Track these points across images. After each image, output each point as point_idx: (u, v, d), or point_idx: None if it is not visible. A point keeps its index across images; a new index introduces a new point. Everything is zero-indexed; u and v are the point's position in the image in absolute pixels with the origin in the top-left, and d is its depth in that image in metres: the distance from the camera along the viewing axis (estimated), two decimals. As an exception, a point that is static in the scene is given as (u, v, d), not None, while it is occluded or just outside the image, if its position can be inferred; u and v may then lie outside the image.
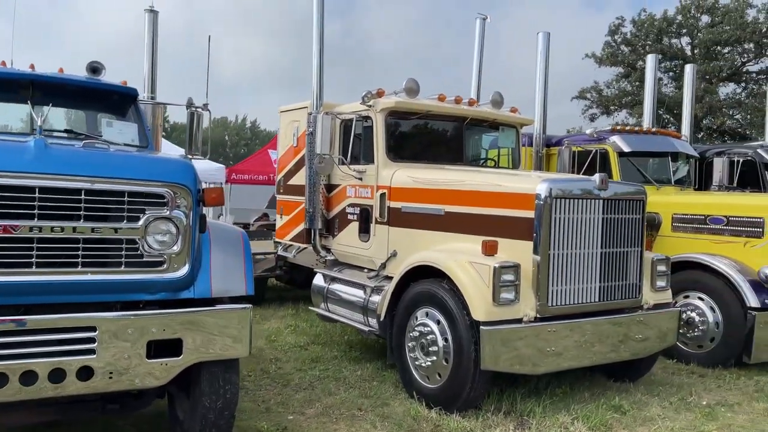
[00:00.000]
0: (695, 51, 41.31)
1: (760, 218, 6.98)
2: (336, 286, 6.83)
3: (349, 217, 6.93)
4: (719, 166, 9.73)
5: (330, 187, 7.26)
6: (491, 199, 5.46)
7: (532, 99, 9.17)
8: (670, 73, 43.44)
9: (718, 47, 39.29)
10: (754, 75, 40.67)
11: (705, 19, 40.02)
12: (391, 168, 6.38)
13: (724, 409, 5.51)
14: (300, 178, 7.63)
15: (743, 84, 40.56)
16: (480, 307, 4.83)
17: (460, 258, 5.15)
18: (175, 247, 3.62)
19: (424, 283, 5.41)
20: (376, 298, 6.09)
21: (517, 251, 5.16)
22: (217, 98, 6.49)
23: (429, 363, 5.24)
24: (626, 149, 8.49)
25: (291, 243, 8.06)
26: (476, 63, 9.12)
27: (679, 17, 40.22)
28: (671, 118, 42.63)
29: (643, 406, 5.47)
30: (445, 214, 5.81)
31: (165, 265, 3.61)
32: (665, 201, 8.03)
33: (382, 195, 6.39)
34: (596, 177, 5.33)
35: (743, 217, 7.14)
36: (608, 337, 5.33)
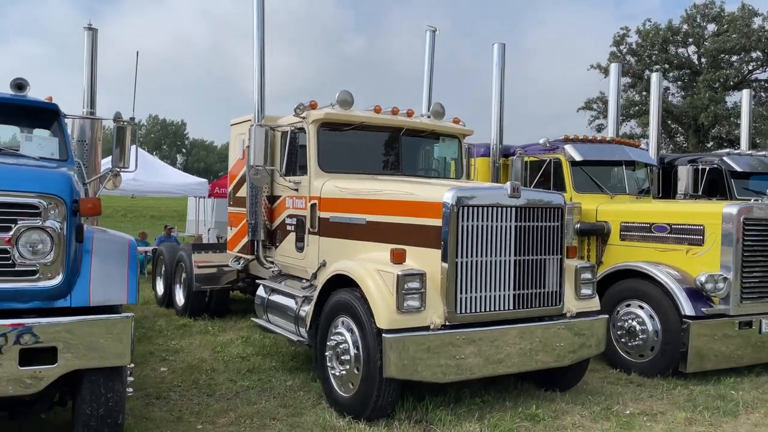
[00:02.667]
0: (702, 60, 41.10)
1: (700, 225, 6.94)
2: (274, 297, 6.90)
3: (288, 228, 7.02)
4: (684, 174, 9.70)
5: (273, 199, 7.36)
6: (405, 208, 5.51)
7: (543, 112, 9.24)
8: (678, 83, 43.29)
9: (725, 56, 39.05)
10: (763, 83, 40.32)
11: (711, 27, 39.84)
12: (323, 179, 6.46)
13: (646, 418, 5.46)
14: (246, 190, 7.74)
15: (753, 92, 40.21)
16: (383, 315, 4.86)
17: (370, 266, 5.19)
18: (48, 257, 3.72)
19: (341, 293, 5.45)
20: (305, 308, 6.14)
21: (428, 259, 5.20)
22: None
23: (344, 372, 5.27)
24: (578, 158, 8.49)
25: (239, 255, 8.15)
26: (427, 74, 9.19)
27: (685, 26, 40.09)
28: (679, 128, 42.39)
29: (561, 414, 5.44)
30: (367, 223, 5.87)
31: (38, 275, 3.71)
32: (613, 210, 8.02)
33: (313, 205, 6.47)
34: (507, 185, 5.35)
35: (685, 224, 7.10)
36: (522, 346, 5.31)
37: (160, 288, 10.96)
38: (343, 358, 5.25)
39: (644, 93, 42.25)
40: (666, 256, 7.21)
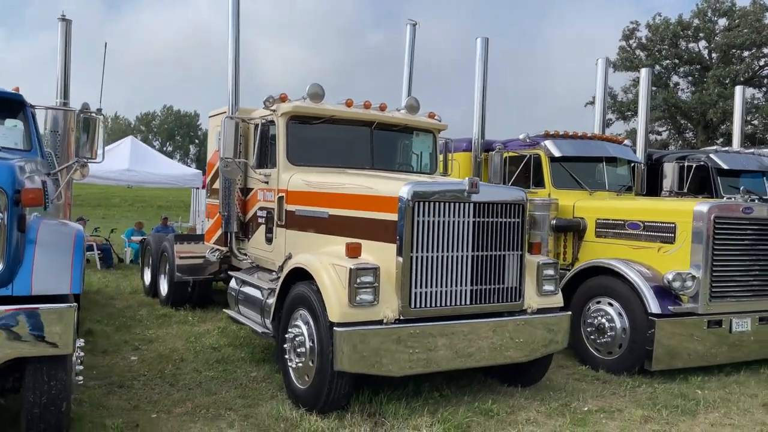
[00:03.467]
0: (712, 55, 40.63)
1: (672, 223, 6.90)
2: (245, 289, 6.95)
3: (259, 220, 7.06)
4: (669, 171, 9.64)
5: (246, 191, 7.41)
6: (363, 203, 5.52)
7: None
8: (689, 78, 42.78)
9: (736, 51, 38.56)
10: (775, 79, 39.74)
11: (722, 22, 39.34)
12: (290, 172, 6.49)
13: (603, 415, 5.46)
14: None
15: (764, 89, 39.70)
16: (335, 309, 4.89)
17: (325, 260, 5.21)
18: (-13, 246, 3.77)
19: (300, 286, 5.48)
20: (270, 300, 6.19)
21: (384, 254, 5.21)
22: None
23: (300, 364, 5.31)
24: (557, 154, 8.46)
25: (215, 246, 8.21)
26: (407, 67, 9.18)
27: (696, 21, 39.61)
28: (689, 124, 41.95)
29: (517, 410, 5.45)
30: (329, 217, 5.90)
31: (-23, 264, 3.76)
32: (590, 206, 7.99)
33: (280, 198, 6.50)
34: (466, 180, 5.34)
35: (657, 222, 7.06)
36: (478, 341, 5.32)
37: (147, 278, 11.06)
38: (299, 350, 5.29)
39: (654, 88, 41.97)
40: (639, 254, 7.17)
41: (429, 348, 5.08)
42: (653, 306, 6.43)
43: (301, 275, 5.56)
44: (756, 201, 6.93)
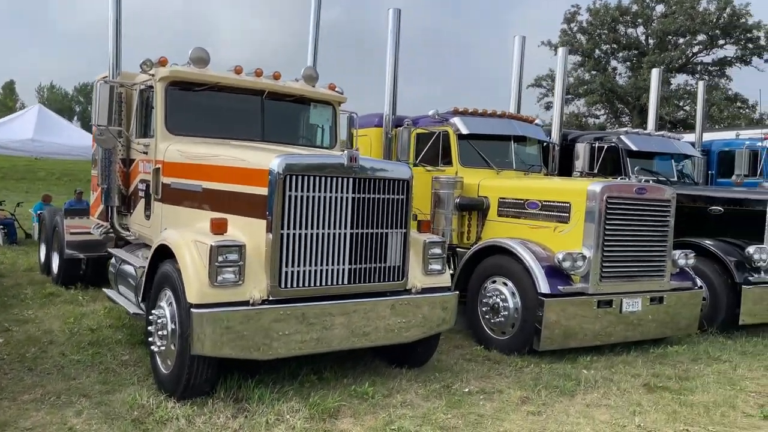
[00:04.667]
0: (649, 41, 41.59)
1: (567, 203, 6.83)
2: (123, 267, 6.52)
3: (140, 194, 6.61)
4: (581, 151, 9.63)
5: (130, 162, 6.92)
6: (235, 175, 5.18)
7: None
8: (627, 63, 43.67)
9: (672, 37, 39.57)
10: (708, 66, 41.04)
11: (660, 8, 40.20)
12: (168, 142, 6.05)
13: (483, 396, 5.35)
14: (105, 153, 7.25)
15: (697, 75, 40.96)
16: (194, 289, 4.56)
17: (189, 237, 4.86)
18: None
19: (166, 264, 5.11)
20: (143, 279, 5.79)
21: (254, 230, 4.90)
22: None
23: (163, 348, 4.96)
24: (465, 131, 8.29)
25: (99, 222, 7.70)
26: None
27: (635, 6, 40.35)
28: (626, 108, 42.95)
29: (396, 392, 5.28)
30: (203, 190, 5.53)
31: None
32: (493, 185, 7.87)
33: (156, 170, 6.08)
34: (345, 154, 5.07)
35: (553, 201, 7.00)
36: (355, 322, 5.10)
37: (42, 255, 10.41)
38: (161, 333, 4.94)
39: (593, 72, 42.71)
40: (537, 233, 7.10)
41: (300, 330, 4.82)
42: (543, 286, 6.36)
43: (169, 253, 5.20)
44: (650, 182, 6.94)
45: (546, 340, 6.34)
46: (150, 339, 5.14)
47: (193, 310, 4.49)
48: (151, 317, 5.13)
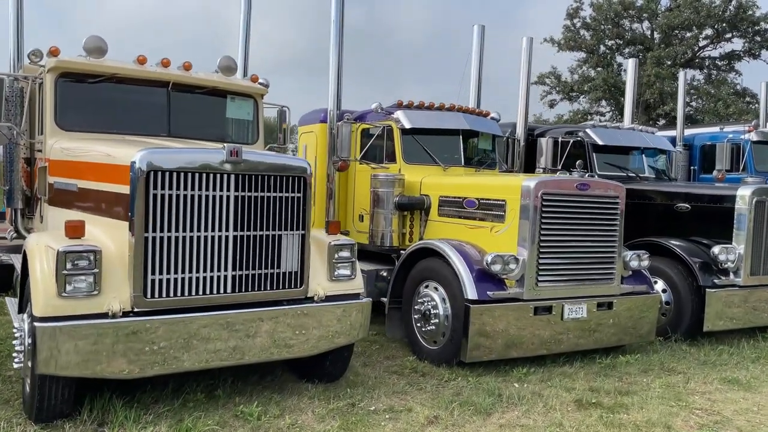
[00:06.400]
0: (654, 35, 40.64)
1: (502, 200, 6.27)
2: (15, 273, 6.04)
3: (38, 195, 6.13)
4: (544, 146, 9.07)
5: (34, 161, 6.45)
6: (103, 173, 4.69)
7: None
8: (633, 59, 42.71)
9: (678, 32, 38.61)
10: (716, 60, 40.05)
11: (665, 2, 39.27)
12: (56, 138, 5.58)
13: (389, 416, 4.80)
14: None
15: (705, 70, 39.98)
16: (39, 300, 4.06)
17: (43, 242, 4.35)
18: None
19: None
20: (28, 287, 5.31)
21: (118, 233, 4.39)
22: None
23: (20, 365, 4.47)
24: (408, 126, 7.73)
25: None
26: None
27: (640, 1, 39.45)
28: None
29: (289, 412, 4.75)
30: (78, 190, 5.04)
31: None
32: (434, 183, 7.31)
33: (42, 169, 5.61)
34: (225, 147, 4.54)
35: (489, 199, 6.43)
36: (242, 335, 4.57)
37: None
38: (18, 349, 4.45)
39: (599, 68, 41.79)
40: (474, 234, 6.54)
41: (172, 345, 4.31)
42: (470, 291, 5.79)
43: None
44: (594, 177, 6.35)
45: (473, 351, 5.77)
46: (14, 355, 4.65)
47: (36, 324, 4.00)
48: (14, 332, 4.64)
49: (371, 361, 6.29)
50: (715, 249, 7.25)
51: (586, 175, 6.38)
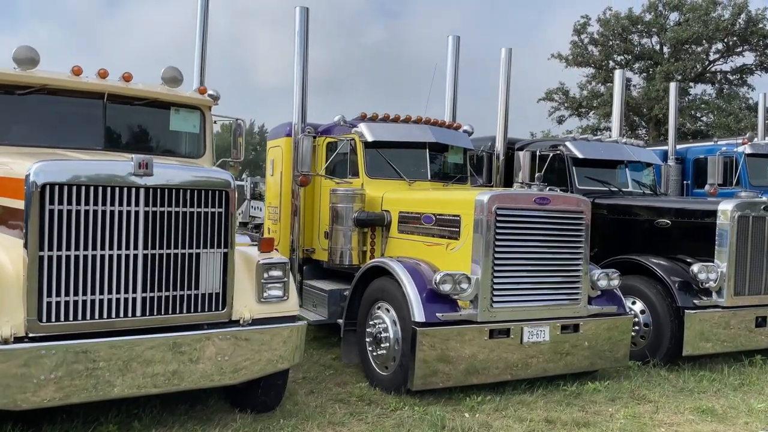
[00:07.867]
0: (664, 50, 40.14)
1: (457, 216, 5.88)
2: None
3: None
4: (521, 160, 8.67)
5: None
6: (1, 186, 4.39)
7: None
8: (644, 74, 42.16)
9: (688, 46, 38.08)
10: (727, 74, 39.45)
11: (674, 17, 38.85)
12: (-20, 154, 5.31)
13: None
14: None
15: (717, 84, 39.35)
16: None
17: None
18: None
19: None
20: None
21: (14, 252, 4.07)
22: (257, 106, 5.83)
23: None
24: (371, 138, 7.39)
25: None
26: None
27: (648, 15, 39.05)
28: (642, 120, 41.43)
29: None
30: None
31: None
32: (395, 198, 6.94)
33: (-37, 185, 5.32)
34: (134, 159, 4.23)
35: (445, 215, 6.05)
36: (150, 363, 4.22)
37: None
38: None
39: (608, 84, 41.26)
40: (431, 252, 6.15)
41: (65, 375, 3.96)
42: (417, 313, 5.40)
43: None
44: (556, 191, 5.95)
45: (421, 378, 5.34)
46: None
47: None
48: None
49: (320, 388, 5.89)
50: (695, 267, 6.78)
51: (547, 188, 5.97)
